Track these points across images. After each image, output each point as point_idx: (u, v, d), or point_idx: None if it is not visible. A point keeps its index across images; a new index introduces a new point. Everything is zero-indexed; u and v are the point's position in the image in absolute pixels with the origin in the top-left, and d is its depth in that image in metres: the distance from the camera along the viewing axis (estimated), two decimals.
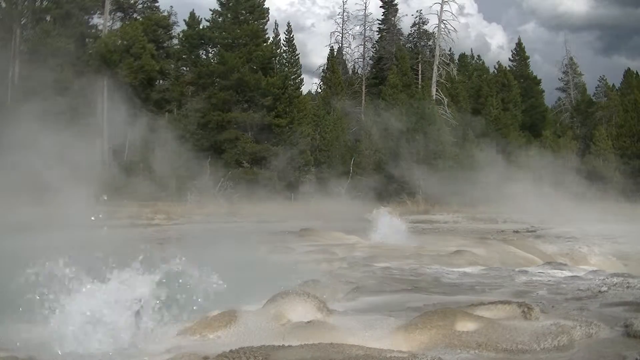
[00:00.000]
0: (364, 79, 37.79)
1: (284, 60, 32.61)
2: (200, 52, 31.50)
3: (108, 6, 29.49)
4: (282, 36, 32.61)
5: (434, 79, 34.66)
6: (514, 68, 39.04)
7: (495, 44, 65.55)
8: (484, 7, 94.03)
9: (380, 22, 39.51)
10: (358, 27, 38.78)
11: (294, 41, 33.59)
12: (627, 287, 5.83)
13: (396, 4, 39.75)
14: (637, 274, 6.66)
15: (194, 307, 3.89)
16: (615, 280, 6.20)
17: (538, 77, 39.13)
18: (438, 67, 34.84)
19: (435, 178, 25.65)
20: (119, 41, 27.64)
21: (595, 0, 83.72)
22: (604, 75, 41.42)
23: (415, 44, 39.20)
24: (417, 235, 11.57)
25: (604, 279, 6.31)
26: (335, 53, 36.26)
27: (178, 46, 32.00)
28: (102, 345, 3.39)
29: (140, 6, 32.88)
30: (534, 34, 73.18)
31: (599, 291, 5.58)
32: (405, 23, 53.85)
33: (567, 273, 7.05)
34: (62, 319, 3.46)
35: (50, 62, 22.07)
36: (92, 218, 4.64)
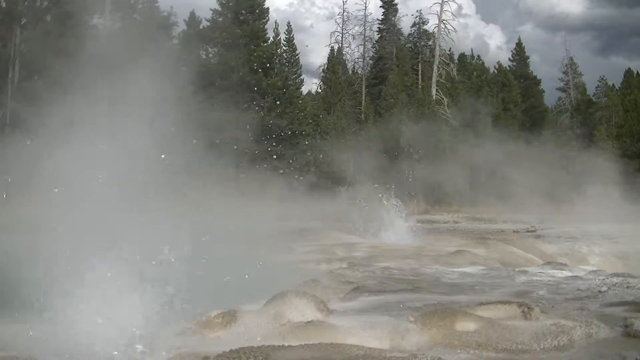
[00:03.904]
0: (364, 79, 37.76)
1: (284, 60, 32.59)
2: (200, 52, 31.48)
3: (108, 6, 29.46)
4: (282, 36, 32.63)
5: (434, 79, 34.63)
6: (514, 68, 39.01)
7: (493, 45, 65.46)
8: (481, 8, 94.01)
9: (380, 22, 39.50)
10: (358, 27, 38.71)
11: (294, 41, 33.61)
12: (627, 287, 5.84)
13: (396, 4, 39.72)
14: (637, 274, 6.66)
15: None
16: (615, 280, 6.20)
17: (538, 77, 39.15)
18: (438, 67, 34.81)
19: (436, 178, 25.63)
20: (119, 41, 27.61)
21: (590, 1, 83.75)
22: (603, 76, 41.32)
23: (415, 44, 39.16)
24: (417, 235, 11.57)
25: (604, 279, 6.31)
26: (335, 53, 36.23)
27: (178, 46, 31.97)
28: (102, 344, 3.39)
29: (140, 6, 32.83)
30: (531, 35, 73.06)
31: (599, 291, 5.59)
32: (405, 23, 53.75)
33: (567, 273, 7.05)
34: (62, 319, 3.46)
35: (51, 62, 22.04)
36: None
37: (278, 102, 29.72)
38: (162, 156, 4.12)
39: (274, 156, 28.43)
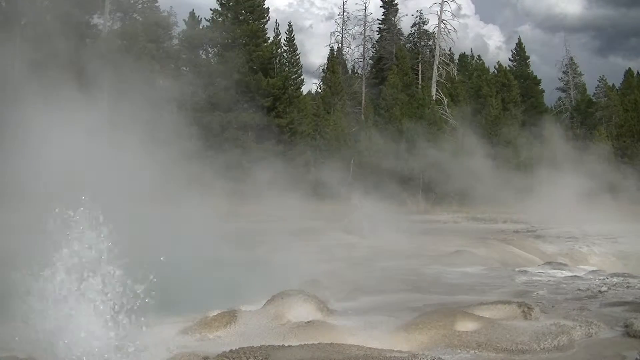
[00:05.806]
0: (364, 79, 37.77)
1: (285, 60, 32.60)
2: (200, 52, 31.48)
3: (108, 6, 29.46)
4: (283, 36, 32.64)
5: (434, 79, 34.63)
6: (514, 68, 39.04)
7: (492, 45, 65.38)
8: (480, 9, 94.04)
9: (380, 22, 39.52)
10: (358, 27, 38.69)
11: (294, 41, 33.61)
12: (627, 287, 5.84)
13: (396, 4, 39.75)
14: (637, 274, 6.67)
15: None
16: (615, 280, 6.21)
17: (538, 77, 39.16)
18: (438, 67, 34.81)
19: (436, 178, 25.59)
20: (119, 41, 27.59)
21: (589, 1, 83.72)
22: (603, 76, 41.33)
23: (415, 44, 39.16)
24: (417, 235, 11.55)
25: (604, 279, 6.32)
26: (335, 53, 36.22)
27: (178, 46, 31.99)
28: (102, 344, 3.38)
29: (140, 6, 32.85)
30: (530, 35, 73.07)
31: (599, 291, 5.59)
32: (405, 23, 53.75)
33: (567, 273, 7.05)
34: (61, 318, 3.46)
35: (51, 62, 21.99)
36: None
37: (278, 102, 29.74)
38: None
39: (274, 156, 28.42)
